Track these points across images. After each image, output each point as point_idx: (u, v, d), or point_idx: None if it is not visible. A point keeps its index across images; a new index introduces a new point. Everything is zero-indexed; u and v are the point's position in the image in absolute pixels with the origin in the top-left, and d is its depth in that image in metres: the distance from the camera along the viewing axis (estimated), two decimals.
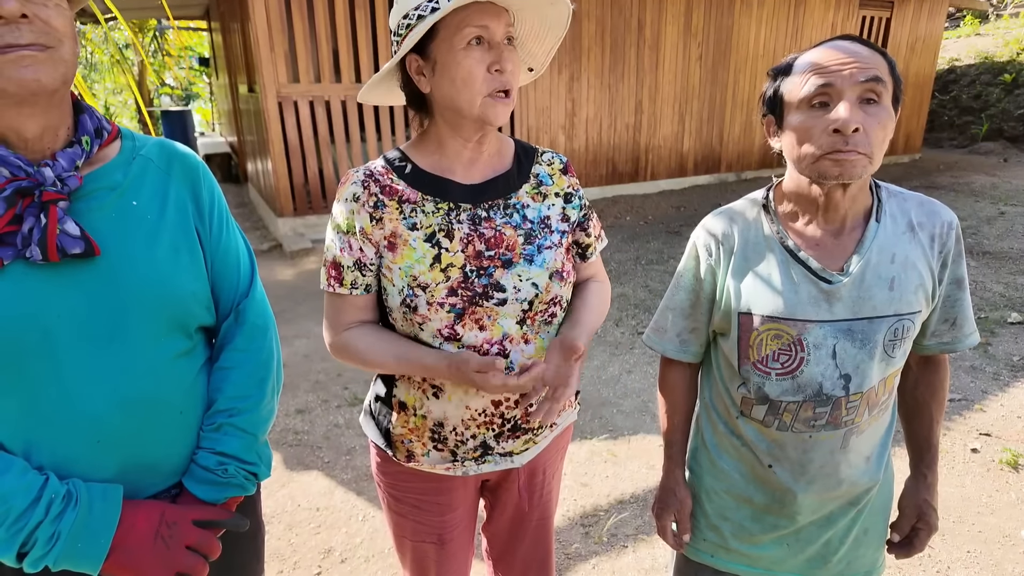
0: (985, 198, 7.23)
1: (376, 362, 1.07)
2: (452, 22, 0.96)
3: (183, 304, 0.94)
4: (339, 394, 3.25)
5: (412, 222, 1.04)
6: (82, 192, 0.87)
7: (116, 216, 0.89)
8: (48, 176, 0.83)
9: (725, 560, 1.20)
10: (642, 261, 5.36)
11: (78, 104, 0.92)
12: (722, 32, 7.76)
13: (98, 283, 0.86)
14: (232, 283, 1.03)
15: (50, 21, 0.79)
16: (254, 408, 1.01)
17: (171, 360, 0.92)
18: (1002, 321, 3.97)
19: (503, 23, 0.97)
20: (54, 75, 0.80)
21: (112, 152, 0.94)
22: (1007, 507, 2.33)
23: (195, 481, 0.96)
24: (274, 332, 1.09)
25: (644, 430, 2.89)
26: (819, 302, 1.02)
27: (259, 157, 6.63)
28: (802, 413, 1.05)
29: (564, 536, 2.23)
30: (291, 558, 2.14)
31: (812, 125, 0.95)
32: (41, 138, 0.84)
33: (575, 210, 1.16)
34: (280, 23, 5.28)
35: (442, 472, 1.16)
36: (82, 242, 0.82)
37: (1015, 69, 10.74)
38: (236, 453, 0.98)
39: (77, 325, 0.84)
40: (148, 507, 0.90)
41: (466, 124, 1.03)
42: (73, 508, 0.82)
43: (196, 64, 14.58)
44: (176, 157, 0.99)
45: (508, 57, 0.99)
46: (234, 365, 1.01)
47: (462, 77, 0.97)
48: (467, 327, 1.03)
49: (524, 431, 1.14)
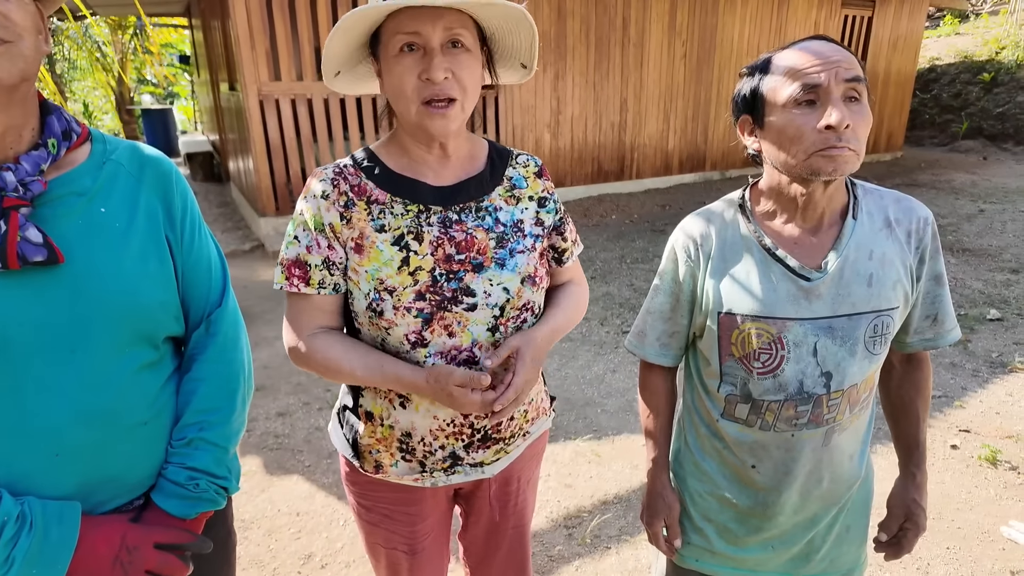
0: (965, 196, 7.32)
1: (343, 372, 1.02)
2: (388, 28, 0.94)
3: (150, 314, 0.91)
4: (320, 396, 3.21)
5: (380, 224, 1.01)
6: (47, 197, 0.84)
7: (83, 223, 0.86)
8: (9, 181, 0.79)
9: (711, 564, 1.19)
10: (627, 260, 5.36)
11: (45, 105, 0.88)
12: (706, 30, 7.80)
13: (61, 292, 0.83)
14: (203, 292, 1.01)
15: (9, 15, 0.76)
16: (225, 421, 0.99)
17: (135, 371, 0.90)
18: (981, 318, 4.02)
19: (440, 27, 0.92)
20: (11, 70, 0.77)
21: (81, 156, 0.91)
22: (986, 503, 2.35)
23: (165, 496, 0.94)
24: (245, 342, 1.07)
25: (628, 430, 2.88)
26: (798, 300, 1.01)
27: (241, 156, 6.55)
28: (784, 412, 1.04)
29: (547, 538, 2.21)
30: (270, 564, 2.11)
31: (802, 123, 0.95)
32: (3, 139, 0.81)
33: (549, 214, 1.14)
34: (261, 21, 5.21)
35: (410, 483, 1.13)
36: (44, 249, 0.79)
37: (994, 68, 10.89)
38: (207, 468, 0.96)
39: (38, 335, 0.81)
40: (108, 528, 0.87)
41: (416, 131, 1.01)
42: (28, 533, 0.79)
43: (177, 62, 14.39)
44: (148, 162, 0.96)
45: (444, 64, 0.92)
46: (204, 377, 0.99)
47: (395, 85, 0.95)
48: (435, 333, 1.00)
49: (495, 441, 1.11)
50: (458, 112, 0.97)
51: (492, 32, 1.04)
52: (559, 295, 1.18)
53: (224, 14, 5.61)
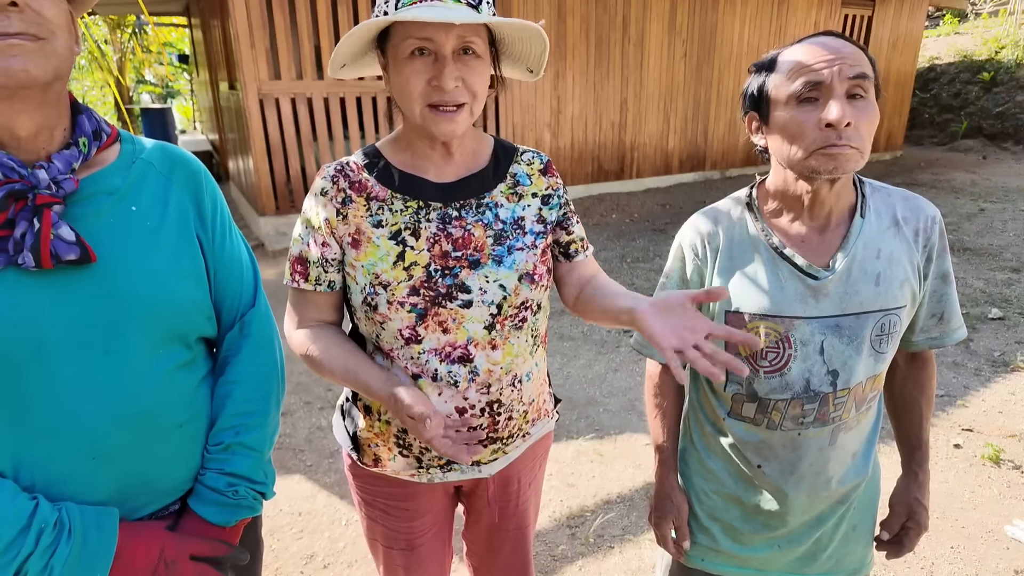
0: (965, 195, 7.33)
1: (326, 369, 1.03)
2: (398, 29, 0.93)
3: (183, 313, 0.90)
4: (322, 396, 3.21)
5: (378, 219, 1.01)
6: (79, 196, 0.84)
7: (114, 222, 0.86)
8: (42, 179, 0.79)
9: (716, 563, 1.19)
10: (628, 259, 5.36)
11: (76, 104, 0.88)
12: (706, 30, 7.79)
13: (94, 291, 0.82)
14: (235, 293, 1.00)
15: (42, 11, 0.75)
16: (261, 425, 0.98)
17: (170, 372, 0.88)
18: (983, 317, 4.02)
19: (454, 35, 0.92)
20: (45, 67, 0.76)
21: (111, 155, 0.90)
22: (990, 502, 2.35)
23: (203, 503, 0.93)
24: (278, 343, 1.06)
25: (631, 429, 2.88)
26: (806, 298, 1.01)
27: (241, 155, 6.54)
28: (791, 411, 1.04)
29: (550, 537, 2.21)
30: (272, 564, 2.10)
31: (803, 121, 0.94)
32: (35, 138, 0.80)
33: (553, 211, 1.12)
34: (261, 19, 5.20)
35: (407, 478, 1.14)
36: (77, 248, 0.79)
37: (993, 68, 10.89)
38: (246, 473, 0.95)
39: (72, 335, 0.80)
40: (147, 538, 0.86)
41: (421, 131, 1.01)
42: (67, 540, 0.78)
43: (176, 61, 14.36)
44: (178, 162, 0.96)
45: (455, 72, 0.93)
46: (240, 379, 0.97)
47: (401, 86, 0.96)
48: (429, 329, 1.00)
49: (492, 440, 1.10)
50: (466, 116, 0.98)
51: (502, 37, 1.04)
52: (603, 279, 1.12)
53: (223, 13, 5.60)
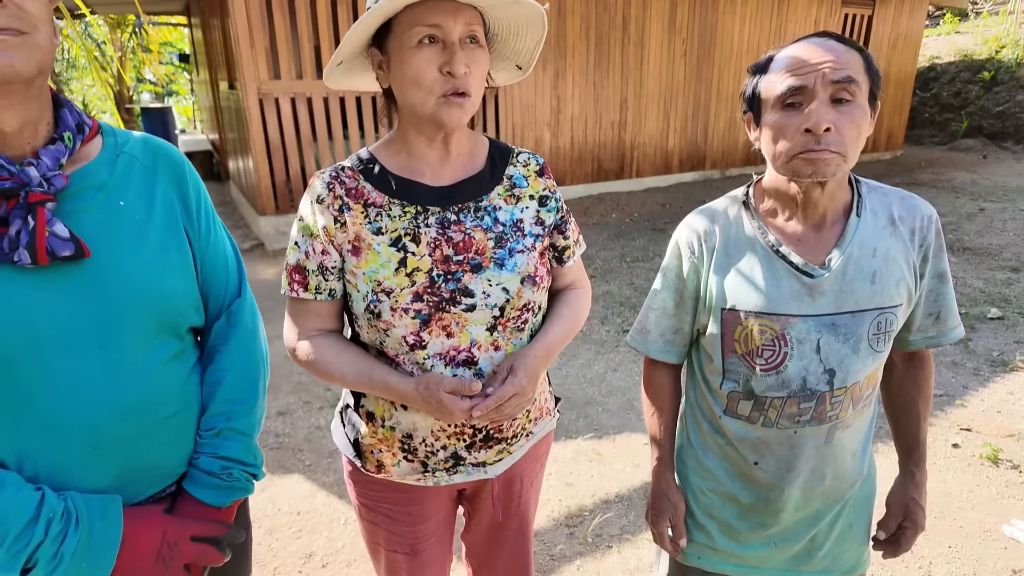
0: (965, 194, 7.32)
1: (335, 376, 1.03)
2: (404, 19, 0.93)
3: (174, 306, 0.92)
4: (321, 395, 3.21)
5: (377, 226, 1.01)
6: (68, 192, 0.84)
7: (103, 217, 0.87)
8: (33, 176, 0.79)
9: (712, 561, 1.19)
10: (627, 259, 5.36)
11: (57, 98, 0.88)
12: (706, 29, 7.79)
13: (87, 286, 0.83)
14: (221, 283, 1.02)
15: (24, 6, 0.75)
16: (250, 410, 1.01)
17: (163, 363, 0.91)
18: (982, 317, 4.01)
19: (461, 22, 0.92)
20: (29, 62, 0.76)
21: (94, 149, 0.90)
22: (988, 502, 2.35)
23: (199, 486, 0.96)
24: (263, 332, 1.09)
25: (629, 428, 2.88)
26: (801, 296, 1.01)
27: (241, 155, 6.54)
28: (787, 409, 1.04)
29: (549, 537, 2.21)
30: (271, 563, 2.11)
31: (786, 124, 0.95)
32: (20, 133, 0.81)
33: (550, 213, 1.12)
34: (261, 19, 5.20)
35: (412, 483, 1.13)
36: (72, 244, 0.79)
37: (994, 67, 10.88)
38: (238, 456, 0.98)
39: (67, 331, 0.81)
40: (149, 523, 0.88)
41: (424, 123, 1.00)
42: (75, 529, 0.80)
43: (176, 60, 14.35)
44: (161, 154, 0.97)
45: (464, 59, 0.93)
46: (229, 367, 1.00)
47: (411, 76, 0.94)
48: (433, 334, 1.00)
49: (497, 441, 1.11)
50: (472, 105, 0.98)
51: (496, 33, 1.04)
52: (557, 306, 1.16)
53: (223, 12, 5.59)
